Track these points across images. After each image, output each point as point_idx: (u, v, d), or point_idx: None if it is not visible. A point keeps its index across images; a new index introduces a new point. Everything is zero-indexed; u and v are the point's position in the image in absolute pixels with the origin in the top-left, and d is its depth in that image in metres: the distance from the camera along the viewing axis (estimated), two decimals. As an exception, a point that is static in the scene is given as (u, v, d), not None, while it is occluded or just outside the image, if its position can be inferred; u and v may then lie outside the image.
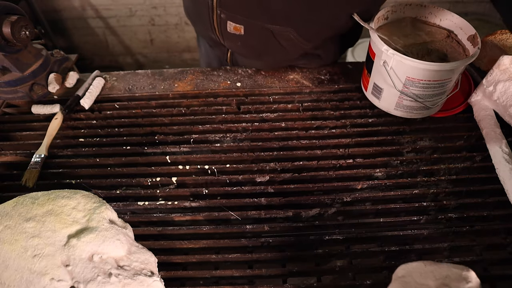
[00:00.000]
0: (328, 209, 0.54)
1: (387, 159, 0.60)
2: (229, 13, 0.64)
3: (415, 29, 0.66)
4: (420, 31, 0.66)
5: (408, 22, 0.66)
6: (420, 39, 0.64)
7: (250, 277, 0.50)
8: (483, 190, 0.56)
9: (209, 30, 0.72)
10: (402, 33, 0.65)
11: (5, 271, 0.40)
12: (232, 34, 0.68)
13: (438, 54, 0.63)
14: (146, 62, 2.29)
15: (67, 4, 1.96)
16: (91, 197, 0.49)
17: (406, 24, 0.66)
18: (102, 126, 0.68)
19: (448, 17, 0.64)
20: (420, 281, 0.39)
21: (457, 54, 0.63)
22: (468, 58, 0.56)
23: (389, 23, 0.67)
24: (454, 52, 0.63)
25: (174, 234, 0.54)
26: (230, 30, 0.68)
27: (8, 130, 0.69)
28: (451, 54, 0.63)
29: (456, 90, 0.62)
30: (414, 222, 0.53)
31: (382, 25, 0.66)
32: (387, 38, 0.62)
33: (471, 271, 0.38)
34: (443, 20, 0.66)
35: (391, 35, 0.64)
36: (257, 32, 0.66)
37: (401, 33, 0.65)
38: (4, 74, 0.69)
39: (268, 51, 0.71)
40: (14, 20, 0.61)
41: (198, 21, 0.76)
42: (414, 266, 0.41)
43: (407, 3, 0.66)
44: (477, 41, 0.59)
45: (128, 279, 0.42)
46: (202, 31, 0.79)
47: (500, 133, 0.58)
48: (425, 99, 0.59)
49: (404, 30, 0.66)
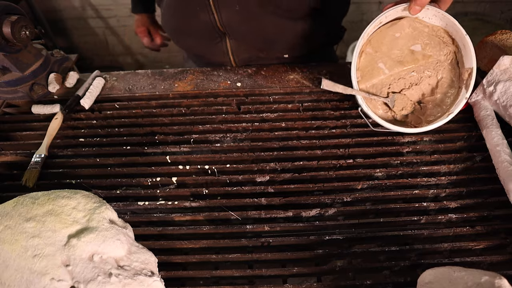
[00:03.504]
0: (328, 209, 0.54)
1: (387, 159, 0.60)
2: None
3: (410, 38, 0.59)
4: (417, 40, 0.58)
5: (405, 26, 0.59)
6: (410, 60, 0.58)
7: (250, 277, 0.50)
8: (483, 190, 0.56)
9: (203, 7, 0.72)
10: (393, 46, 0.59)
11: (5, 271, 0.40)
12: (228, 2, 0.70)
13: (430, 82, 0.59)
14: (146, 62, 2.29)
15: (67, 4, 1.96)
16: (91, 197, 0.49)
17: (402, 29, 0.59)
18: (102, 126, 0.68)
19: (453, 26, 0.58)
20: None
21: (448, 86, 0.58)
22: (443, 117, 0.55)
23: (384, 28, 0.60)
24: (447, 80, 0.58)
25: (174, 234, 0.54)
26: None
27: (8, 130, 0.69)
28: (443, 85, 0.58)
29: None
30: (414, 222, 0.53)
31: (375, 31, 0.60)
32: (374, 51, 0.58)
33: (504, 279, 0.37)
34: (448, 25, 0.58)
35: (380, 45, 0.59)
36: None
37: (392, 45, 0.59)
38: (4, 74, 0.69)
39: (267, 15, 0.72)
40: (14, 20, 0.61)
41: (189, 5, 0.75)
42: (441, 272, 0.39)
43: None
44: (469, 83, 0.55)
45: (128, 279, 0.42)
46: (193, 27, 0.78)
47: (500, 134, 0.58)
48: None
49: (396, 44, 0.59)
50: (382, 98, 0.59)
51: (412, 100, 0.60)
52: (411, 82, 0.60)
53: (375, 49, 0.59)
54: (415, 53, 0.59)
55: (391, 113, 0.61)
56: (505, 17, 1.92)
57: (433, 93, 0.60)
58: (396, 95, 0.59)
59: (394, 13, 0.57)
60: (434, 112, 0.60)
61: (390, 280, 0.48)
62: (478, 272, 0.38)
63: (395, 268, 0.49)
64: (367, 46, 0.59)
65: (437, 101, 0.59)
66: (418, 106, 0.60)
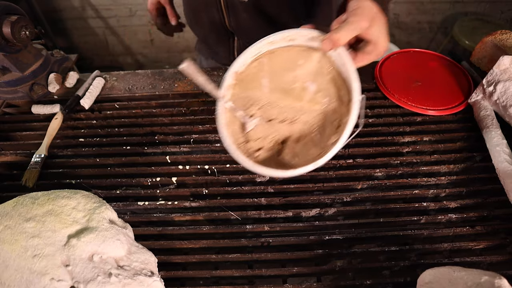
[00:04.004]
0: (328, 209, 0.54)
1: (387, 159, 0.60)
2: None
3: (312, 74, 0.48)
4: (316, 80, 0.48)
5: (315, 59, 0.48)
6: (295, 95, 0.48)
7: (250, 277, 0.50)
8: (483, 190, 0.56)
9: (214, 9, 0.73)
10: (290, 70, 0.49)
11: (5, 271, 0.40)
12: (236, 1, 0.69)
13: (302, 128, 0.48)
14: (146, 62, 2.29)
15: (67, 4, 1.96)
16: (91, 197, 0.49)
17: (309, 59, 0.48)
18: (102, 126, 0.68)
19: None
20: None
21: (314, 144, 0.47)
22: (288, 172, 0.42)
23: (296, 47, 0.48)
24: (316, 138, 0.47)
25: (174, 234, 0.54)
26: None
27: (8, 130, 0.69)
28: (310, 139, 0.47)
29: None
30: (414, 222, 0.53)
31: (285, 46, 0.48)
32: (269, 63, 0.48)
33: (504, 279, 0.37)
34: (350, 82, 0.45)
35: (278, 62, 0.49)
36: None
37: (289, 68, 0.49)
38: (4, 74, 0.69)
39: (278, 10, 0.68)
40: (14, 20, 0.61)
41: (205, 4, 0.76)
42: (441, 272, 0.39)
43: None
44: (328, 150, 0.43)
45: (128, 279, 0.42)
46: (204, 19, 0.80)
47: (500, 134, 0.58)
48: None
49: (294, 70, 0.49)
50: (242, 115, 0.47)
51: (274, 136, 0.49)
52: (285, 117, 0.49)
53: (272, 62, 0.49)
54: (306, 91, 0.49)
55: (245, 137, 0.50)
56: (505, 17, 1.92)
57: (298, 141, 0.49)
58: (260, 120, 0.48)
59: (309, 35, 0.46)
60: (288, 160, 0.49)
61: (390, 280, 0.48)
62: (478, 272, 0.38)
63: (395, 268, 0.49)
64: (266, 56, 0.49)
65: (296, 151, 0.48)
66: (277, 146, 0.49)
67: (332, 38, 0.43)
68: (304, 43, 0.48)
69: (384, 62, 0.76)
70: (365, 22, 0.43)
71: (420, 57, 0.76)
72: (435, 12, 1.94)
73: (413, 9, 1.94)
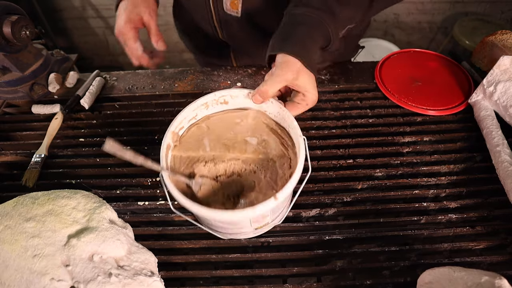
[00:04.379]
0: (328, 209, 0.54)
1: (387, 160, 0.60)
2: None
3: (250, 129, 0.50)
4: (255, 133, 0.50)
5: (250, 116, 0.51)
6: (239, 148, 0.49)
7: (250, 277, 0.50)
8: (484, 191, 0.56)
9: (206, 21, 0.71)
10: (229, 130, 0.50)
11: (5, 271, 0.40)
12: (229, 16, 0.68)
13: (253, 178, 0.48)
14: (146, 62, 2.29)
15: (68, 4, 1.96)
16: (91, 197, 0.49)
17: (245, 117, 0.51)
18: (102, 126, 0.68)
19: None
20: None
21: (269, 188, 0.46)
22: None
23: (230, 111, 0.52)
24: (269, 183, 0.47)
25: (174, 234, 0.54)
26: (227, 8, 0.67)
27: (8, 130, 0.69)
28: (264, 186, 0.47)
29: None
30: (414, 223, 0.53)
31: (221, 112, 0.52)
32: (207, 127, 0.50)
33: (504, 279, 0.37)
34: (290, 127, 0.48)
35: (216, 124, 0.51)
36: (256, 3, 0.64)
37: (228, 128, 0.51)
38: (5, 74, 0.69)
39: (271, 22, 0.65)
40: (14, 20, 0.61)
41: (194, 15, 0.75)
42: (441, 272, 0.39)
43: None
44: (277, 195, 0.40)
45: (128, 279, 0.42)
46: (198, 32, 0.78)
47: (500, 134, 0.58)
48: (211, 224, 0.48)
49: (233, 128, 0.51)
50: (184, 178, 0.46)
51: (224, 192, 0.48)
52: (233, 171, 0.49)
53: (210, 126, 0.51)
54: (248, 144, 0.50)
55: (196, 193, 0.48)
56: (505, 17, 1.92)
57: (253, 190, 0.48)
58: (205, 179, 0.47)
59: (241, 95, 0.50)
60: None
61: (390, 280, 0.48)
62: (478, 272, 0.38)
63: (395, 268, 0.49)
64: (204, 121, 0.51)
65: (252, 199, 0.46)
66: (232, 200, 0.48)
67: (261, 92, 0.47)
68: (237, 106, 0.52)
69: (384, 62, 0.76)
70: (290, 74, 0.46)
71: (420, 57, 0.76)
72: (435, 12, 1.94)
73: (413, 9, 1.94)
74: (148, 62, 0.65)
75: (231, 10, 0.67)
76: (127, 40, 0.62)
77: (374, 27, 2.04)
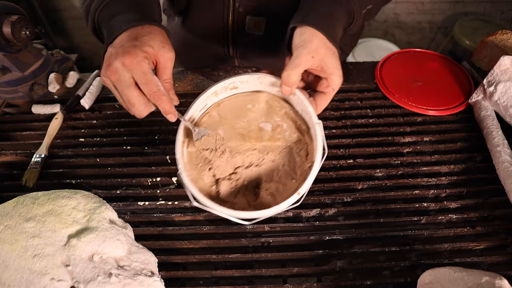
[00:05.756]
0: (329, 209, 0.54)
1: (387, 160, 0.60)
2: (247, 2, 0.59)
3: (263, 114, 0.49)
4: (269, 118, 0.49)
5: (262, 100, 0.50)
6: (254, 137, 0.48)
7: (250, 277, 0.50)
8: (484, 191, 0.56)
9: (217, 43, 0.67)
10: (241, 116, 0.49)
11: (5, 271, 0.40)
12: (248, 36, 0.64)
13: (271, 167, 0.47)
14: (147, 62, 2.28)
15: (68, 4, 1.96)
16: (91, 197, 0.49)
17: (256, 102, 0.49)
18: (102, 126, 0.68)
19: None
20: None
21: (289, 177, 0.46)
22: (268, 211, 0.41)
23: (240, 95, 0.50)
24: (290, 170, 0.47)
25: (174, 234, 0.53)
26: (249, 30, 0.63)
27: (9, 130, 0.69)
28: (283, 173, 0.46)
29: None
30: (414, 223, 0.53)
31: (230, 96, 0.50)
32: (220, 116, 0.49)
33: (504, 280, 0.37)
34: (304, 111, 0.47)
35: (228, 111, 0.49)
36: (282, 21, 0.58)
37: (240, 115, 0.49)
38: (5, 74, 0.69)
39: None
40: (14, 20, 0.61)
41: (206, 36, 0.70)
42: (441, 272, 0.40)
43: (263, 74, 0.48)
44: (306, 177, 0.42)
45: (128, 279, 0.42)
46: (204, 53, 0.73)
47: (501, 134, 0.58)
48: None
49: (245, 115, 0.49)
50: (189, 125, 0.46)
51: (244, 183, 0.48)
52: (250, 161, 0.48)
53: (221, 114, 0.50)
54: (263, 131, 0.49)
55: (216, 188, 0.48)
56: (505, 17, 1.92)
57: (271, 180, 0.48)
58: (209, 130, 0.47)
59: (251, 80, 0.48)
60: (268, 201, 0.47)
61: (390, 280, 0.47)
62: (478, 273, 0.38)
63: (395, 269, 0.49)
64: (214, 108, 0.50)
65: (272, 190, 0.46)
66: (252, 191, 0.48)
67: (283, 79, 0.43)
68: (247, 89, 0.50)
69: (385, 62, 0.76)
70: (313, 52, 0.42)
71: (421, 57, 0.76)
72: (436, 12, 1.94)
73: (414, 9, 1.94)
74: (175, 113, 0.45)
75: (254, 29, 0.64)
76: (141, 75, 0.41)
77: (374, 27, 2.04)
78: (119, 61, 0.40)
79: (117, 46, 0.41)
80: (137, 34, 0.42)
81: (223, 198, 0.47)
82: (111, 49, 0.42)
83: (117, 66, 0.40)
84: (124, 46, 0.41)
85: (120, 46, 0.41)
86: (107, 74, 0.41)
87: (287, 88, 0.44)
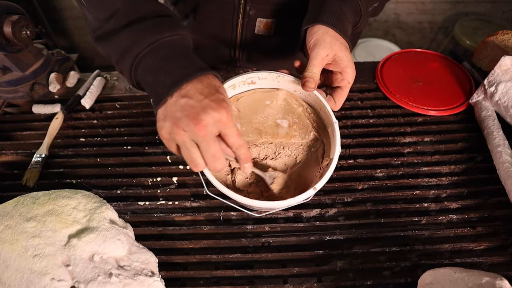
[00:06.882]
0: (329, 209, 0.54)
1: (388, 160, 0.60)
2: (259, 5, 0.60)
3: (280, 111, 0.51)
4: (286, 115, 0.51)
5: (280, 98, 0.51)
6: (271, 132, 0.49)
7: (251, 277, 0.50)
8: (484, 191, 0.56)
9: (224, 46, 0.67)
10: (259, 112, 0.50)
11: (5, 271, 0.40)
12: (257, 37, 0.65)
13: (286, 162, 0.49)
14: (147, 62, 2.28)
15: (68, 3, 1.96)
16: (92, 197, 0.49)
17: (275, 98, 0.51)
18: (103, 126, 0.68)
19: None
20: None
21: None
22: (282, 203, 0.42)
23: (258, 91, 0.52)
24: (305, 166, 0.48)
25: (174, 234, 0.54)
26: (259, 31, 0.64)
27: (9, 129, 0.69)
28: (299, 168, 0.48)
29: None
30: (415, 223, 0.53)
31: (248, 91, 0.52)
32: (238, 110, 0.50)
33: (505, 280, 0.37)
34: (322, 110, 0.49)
35: (246, 106, 0.50)
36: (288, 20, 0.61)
37: (258, 110, 0.51)
38: (5, 73, 0.69)
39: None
40: (15, 19, 0.61)
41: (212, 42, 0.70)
42: (442, 273, 0.40)
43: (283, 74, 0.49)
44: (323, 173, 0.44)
45: (129, 279, 0.42)
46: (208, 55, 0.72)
47: (501, 134, 0.58)
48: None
49: (263, 110, 0.51)
50: (259, 172, 0.47)
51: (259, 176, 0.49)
52: (266, 154, 0.50)
53: (240, 109, 0.51)
54: (280, 127, 0.50)
55: (232, 177, 0.49)
56: (506, 17, 1.92)
57: (286, 173, 0.50)
58: (277, 172, 0.49)
59: (269, 77, 0.50)
60: (280, 194, 0.48)
61: (391, 281, 0.47)
62: (478, 273, 0.38)
63: (395, 269, 0.49)
64: (233, 103, 0.51)
65: (286, 183, 0.48)
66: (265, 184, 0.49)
67: (305, 76, 0.45)
68: (264, 86, 0.51)
69: (385, 63, 0.76)
70: (328, 48, 0.44)
71: (421, 57, 0.76)
72: (436, 12, 1.93)
73: (414, 9, 1.94)
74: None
75: (263, 31, 0.65)
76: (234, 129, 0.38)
77: (375, 27, 2.03)
78: (210, 116, 0.36)
79: (193, 97, 0.37)
80: (213, 84, 0.39)
81: (238, 187, 0.49)
82: (186, 99, 0.37)
83: (208, 121, 0.36)
84: (209, 98, 0.37)
85: (204, 98, 0.37)
86: (195, 129, 0.36)
87: (310, 84, 0.45)
